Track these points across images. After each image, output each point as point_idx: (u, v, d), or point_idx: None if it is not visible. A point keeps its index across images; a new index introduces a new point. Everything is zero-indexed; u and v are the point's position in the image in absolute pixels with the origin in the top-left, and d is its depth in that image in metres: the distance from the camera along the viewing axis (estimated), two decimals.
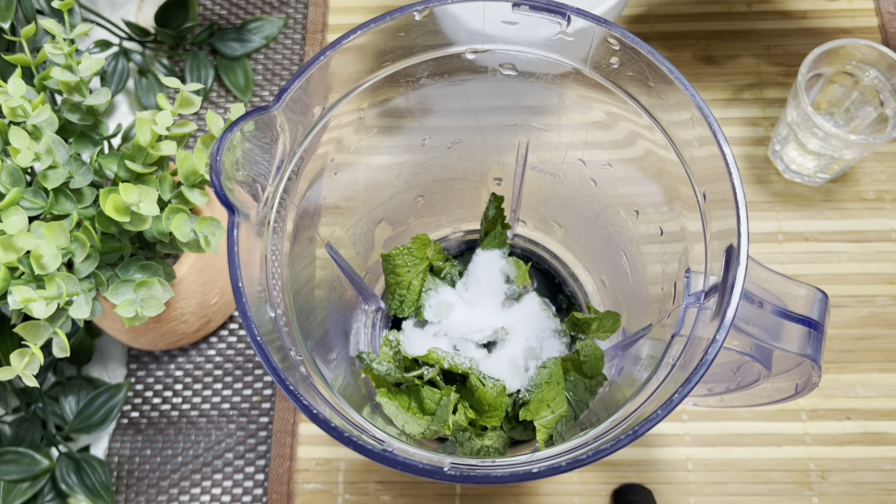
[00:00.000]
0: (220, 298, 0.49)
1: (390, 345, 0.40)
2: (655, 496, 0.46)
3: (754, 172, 0.54)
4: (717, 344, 0.25)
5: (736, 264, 0.26)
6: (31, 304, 0.33)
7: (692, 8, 0.59)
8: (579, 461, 0.24)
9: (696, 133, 0.29)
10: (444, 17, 0.32)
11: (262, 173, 0.29)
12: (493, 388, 0.37)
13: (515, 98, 0.37)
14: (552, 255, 0.48)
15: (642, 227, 0.38)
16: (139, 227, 0.36)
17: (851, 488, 0.47)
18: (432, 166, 0.42)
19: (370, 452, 0.25)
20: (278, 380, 0.26)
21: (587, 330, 0.40)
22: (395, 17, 0.30)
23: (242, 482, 0.49)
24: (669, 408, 0.25)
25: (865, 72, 0.49)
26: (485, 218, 0.44)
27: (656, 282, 0.36)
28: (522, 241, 0.48)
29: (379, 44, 0.32)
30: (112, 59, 0.58)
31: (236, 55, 0.59)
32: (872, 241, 0.52)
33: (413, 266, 0.41)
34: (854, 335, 0.50)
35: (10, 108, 0.35)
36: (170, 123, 0.37)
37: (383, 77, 0.34)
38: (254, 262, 0.29)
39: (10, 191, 0.34)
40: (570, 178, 0.41)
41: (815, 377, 0.31)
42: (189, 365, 0.52)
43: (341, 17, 0.61)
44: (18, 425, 0.48)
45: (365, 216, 0.42)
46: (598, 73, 0.32)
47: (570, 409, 0.38)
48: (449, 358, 0.38)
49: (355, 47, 0.31)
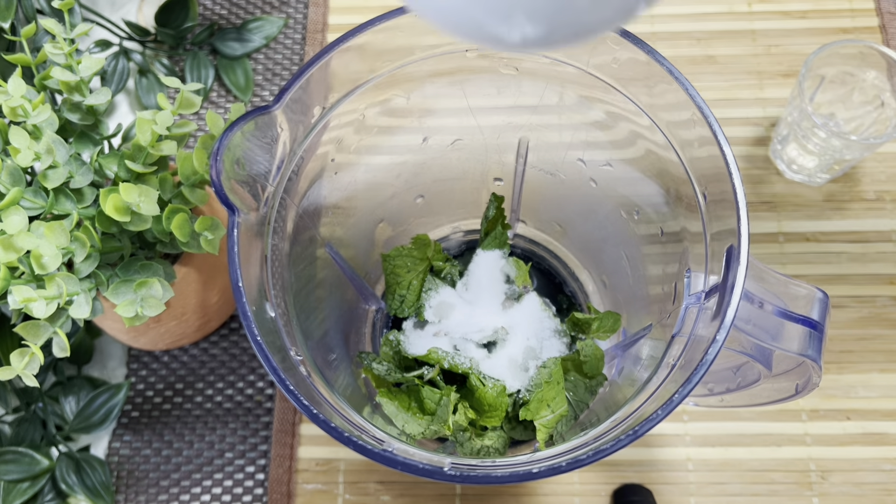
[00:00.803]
0: (220, 298, 0.49)
1: (390, 344, 0.40)
2: (655, 496, 0.46)
3: (754, 172, 0.54)
4: (717, 344, 0.25)
5: (736, 264, 0.26)
6: (32, 303, 0.33)
7: (692, 8, 0.59)
8: (579, 461, 0.24)
9: (697, 133, 0.29)
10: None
11: (262, 173, 0.29)
12: (494, 388, 0.37)
13: (515, 98, 0.37)
14: (552, 255, 0.48)
15: (642, 228, 0.38)
16: (139, 227, 0.36)
17: (851, 488, 0.47)
18: (432, 166, 0.42)
19: (370, 452, 0.25)
20: (278, 380, 0.26)
21: (587, 330, 0.40)
22: (394, 17, 0.30)
23: (243, 482, 0.49)
24: (670, 408, 0.25)
25: (865, 72, 0.49)
26: (485, 218, 0.44)
27: (656, 282, 0.36)
28: (523, 241, 0.48)
29: (379, 44, 0.32)
30: (112, 58, 0.58)
31: (236, 55, 0.59)
32: (873, 242, 0.52)
33: (413, 266, 0.41)
34: (854, 335, 0.50)
35: (11, 108, 0.35)
36: (170, 123, 0.37)
37: (383, 77, 0.34)
38: (254, 262, 0.29)
39: (10, 190, 0.34)
40: (570, 178, 0.41)
41: (816, 377, 0.31)
42: (189, 365, 0.52)
43: (341, 17, 0.61)
44: (18, 425, 0.48)
45: (365, 216, 0.42)
46: (598, 73, 0.32)
47: (570, 408, 0.38)
48: (449, 358, 0.38)
49: (355, 47, 0.31)
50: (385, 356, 0.40)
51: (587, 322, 0.39)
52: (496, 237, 0.43)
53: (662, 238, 0.35)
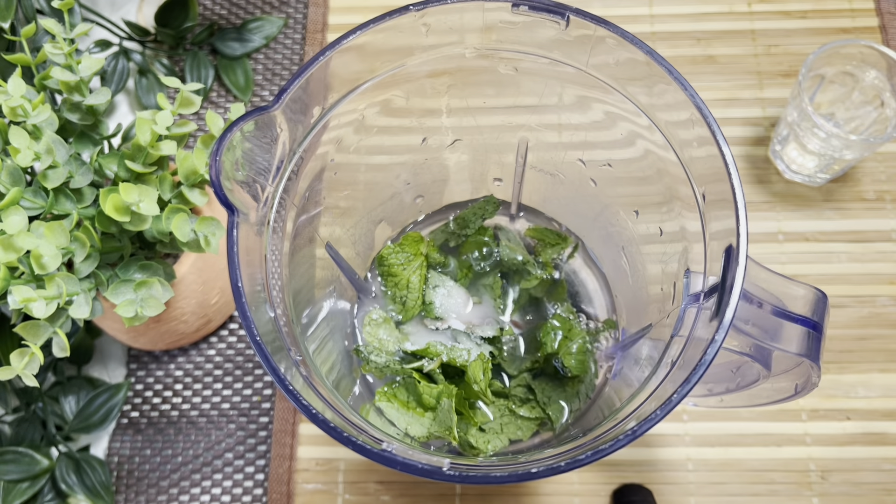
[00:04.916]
0: (220, 298, 0.49)
1: (374, 324, 0.40)
2: (655, 496, 0.46)
3: (754, 172, 0.54)
4: (716, 344, 0.25)
5: (735, 264, 0.26)
6: (31, 303, 0.33)
7: (692, 8, 0.59)
8: (579, 461, 0.24)
9: (696, 133, 0.29)
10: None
11: (261, 173, 0.29)
12: (479, 357, 0.37)
13: (515, 98, 0.37)
14: None
15: (642, 227, 0.38)
16: (139, 226, 0.36)
17: (851, 488, 0.47)
18: (432, 166, 0.42)
19: (370, 452, 0.25)
20: (278, 380, 0.26)
21: (542, 251, 0.43)
22: (395, 17, 0.30)
23: (242, 482, 0.49)
24: (669, 408, 0.25)
25: (865, 72, 0.49)
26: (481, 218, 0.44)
27: (656, 282, 0.36)
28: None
29: (379, 44, 0.32)
30: (112, 58, 0.58)
31: (236, 55, 0.59)
32: (873, 242, 0.52)
33: (408, 262, 0.41)
34: (854, 335, 0.50)
35: (10, 108, 0.35)
36: (170, 123, 0.37)
37: (383, 77, 0.34)
38: (254, 262, 0.29)
39: (10, 190, 0.34)
40: (569, 178, 0.41)
41: (815, 377, 0.31)
42: (189, 365, 0.52)
43: (341, 17, 0.61)
44: (18, 425, 0.48)
45: (365, 216, 0.42)
46: (597, 73, 0.32)
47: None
48: (447, 351, 0.38)
49: (355, 47, 0.31)
50: (370, 337, 0.40)
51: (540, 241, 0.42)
52: (475, 243, 0.44)
53: (662, 238, 0.35)
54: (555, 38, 0.31)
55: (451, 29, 0.32)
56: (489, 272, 0.43)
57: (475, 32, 0.32)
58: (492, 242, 0.43)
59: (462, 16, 0.31)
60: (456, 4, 0.30)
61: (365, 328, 0.40)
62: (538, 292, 0.42)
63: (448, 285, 0.42)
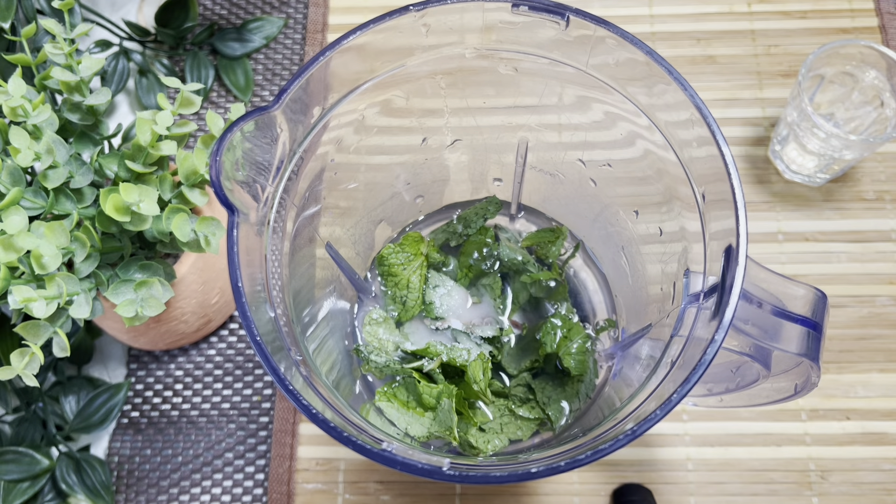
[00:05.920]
0: (220, 298, 0.49)
1: (374, 323, 0.40)
2: (655, 496, 0.46)
3: (754, 172, 0.54)
4: (715, 344, 0.25)
5: (735, 264, 0.26)
6: (32, 303, 0.33)
7: (692, 8, 0.59)
8: (578, 461, 0.24)
9: (695, 133, 0.29)
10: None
11: (262, 173, 0.29)
12: (480, 357, 0.37)
13: (515, 98, 0.37)
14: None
15: (642, 227, 0.38)
16: (139, 226, 0.36)
17: (851, 488, 0.47)
18: (432, 166, 0.42)
19: (370, 452, 0.25)
20: (278, 380, 0.26)
21: (544, 252, 0.43)
22: (395, 17, 0.30)
23: (242, 482, 0.49)
24: (668, 408, 0.25)
25: (865, 72, 0.49)
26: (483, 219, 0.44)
27: (656, 282, 0.36)
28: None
29: (379, 44, 0.32)
30: (112, 58, 0.58)
31: (236, 55, 0.59)
32: (872, 242, 0.52)
33: (408, 262, 0.41)
34: (854, 335, 0.50)
35: (11, 108, 0.35)
36: (170, 123, 0.37)
37: (383, 77, 0.34)
38: (254, 262, 0.29)
39: (10, 190, 0.34)
40: (569, 178, 0.41)
41: (815, 377, 0.31)
42: (189, 365, 0.52)
43: (341, 17, 0.61)
44: (18, 425, 0.48)
45: (365, 216, 0.42)
46: (596, 73, 0.32)
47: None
48: (447, 351, 0.38)
49: (355, 47, 0.31)
50: (370, 336, 0.40)
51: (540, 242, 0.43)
52: (475, 244, 0.44)
53: (661, 238, 0.35)
54: (555, 38, 0.31)
55: (451, 29, 0.32)
56: (489, 272, 0.43)
57: (475, 32, 0.32)
58: (492, 243, 0.43)
59: (462, 16, 0.32)
60: (456, 5, 0.30)
61: (365, 328, 0.40)
62: (538, 292, 0.42)
63: (448, 285, 0.42)
